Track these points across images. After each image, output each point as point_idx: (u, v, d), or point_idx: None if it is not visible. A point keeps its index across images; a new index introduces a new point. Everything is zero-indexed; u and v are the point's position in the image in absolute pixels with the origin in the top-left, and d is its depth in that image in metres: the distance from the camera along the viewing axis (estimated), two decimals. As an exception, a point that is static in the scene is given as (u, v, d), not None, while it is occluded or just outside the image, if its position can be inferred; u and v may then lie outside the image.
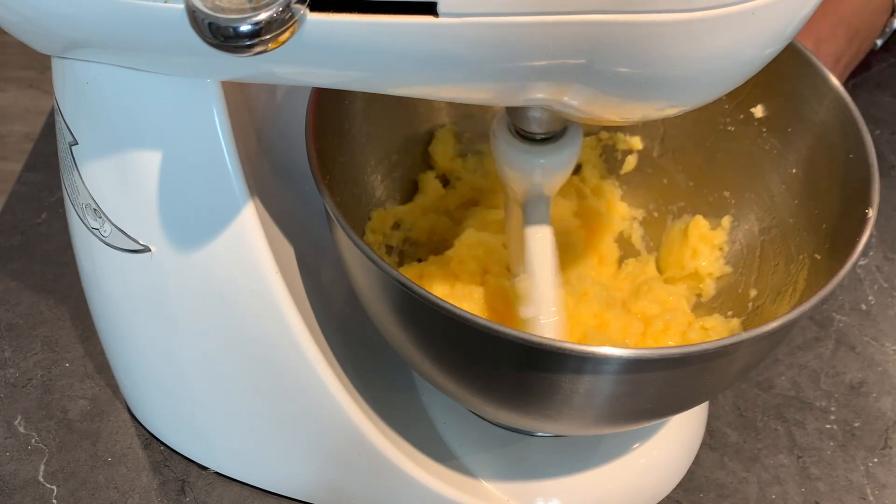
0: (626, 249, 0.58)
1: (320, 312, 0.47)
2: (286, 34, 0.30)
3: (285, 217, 0.46)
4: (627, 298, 0.54)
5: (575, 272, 0.54)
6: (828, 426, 0.57)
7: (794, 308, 0.38)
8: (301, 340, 0.44)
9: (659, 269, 0.57)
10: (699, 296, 0.54)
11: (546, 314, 0.45)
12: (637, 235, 0.58)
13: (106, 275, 0.46)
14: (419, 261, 0.55)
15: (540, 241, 0.45)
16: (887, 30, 0.69)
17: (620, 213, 0.58)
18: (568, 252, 0.54)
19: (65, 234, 0.49)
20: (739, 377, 0.44)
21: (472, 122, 0.58)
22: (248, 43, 0.29)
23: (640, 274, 0.56)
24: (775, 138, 0.51)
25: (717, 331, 0.50)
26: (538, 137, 0.43)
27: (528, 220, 0.45)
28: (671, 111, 0.36)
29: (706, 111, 0.38)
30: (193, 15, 0.30)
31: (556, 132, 0.43)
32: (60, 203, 0.67)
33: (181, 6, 0.31)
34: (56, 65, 0.41)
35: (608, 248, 0.57)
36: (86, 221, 0.44)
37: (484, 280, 0.51)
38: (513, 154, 0.44)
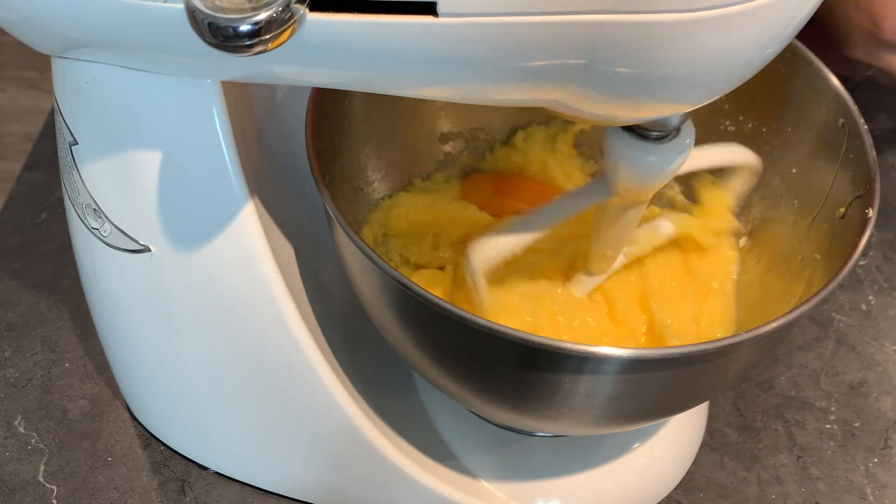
0: None
1: (320, 312, 0.47)
2: (286, 34, 0.30)
3: (285, 217, 0.46)
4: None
5: None
6: (828, 426, 0.57)
7: (794, 308, 0.38)
8: (301, 340, 0.44)
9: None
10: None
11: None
12: None
13: (106, 275, 0.46)
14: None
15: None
16: None
17: None
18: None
19: (65, 234, 0.49)
20: (739, 377, 0.44)
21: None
22: (248, 43, 0.29)
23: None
24: (775, 138, 0.51)
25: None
26: (652, 136, 0.41)
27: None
28: (671, 111, 0.36)
29: (706, 111, 0.38)
30: (193, 15, 0.30)
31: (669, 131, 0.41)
32: (60, 203, 0.67)
33: (181, 6, 0.30)
34: (56, 65, 0.41)
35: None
36: (86, 221, 0.44)
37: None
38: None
